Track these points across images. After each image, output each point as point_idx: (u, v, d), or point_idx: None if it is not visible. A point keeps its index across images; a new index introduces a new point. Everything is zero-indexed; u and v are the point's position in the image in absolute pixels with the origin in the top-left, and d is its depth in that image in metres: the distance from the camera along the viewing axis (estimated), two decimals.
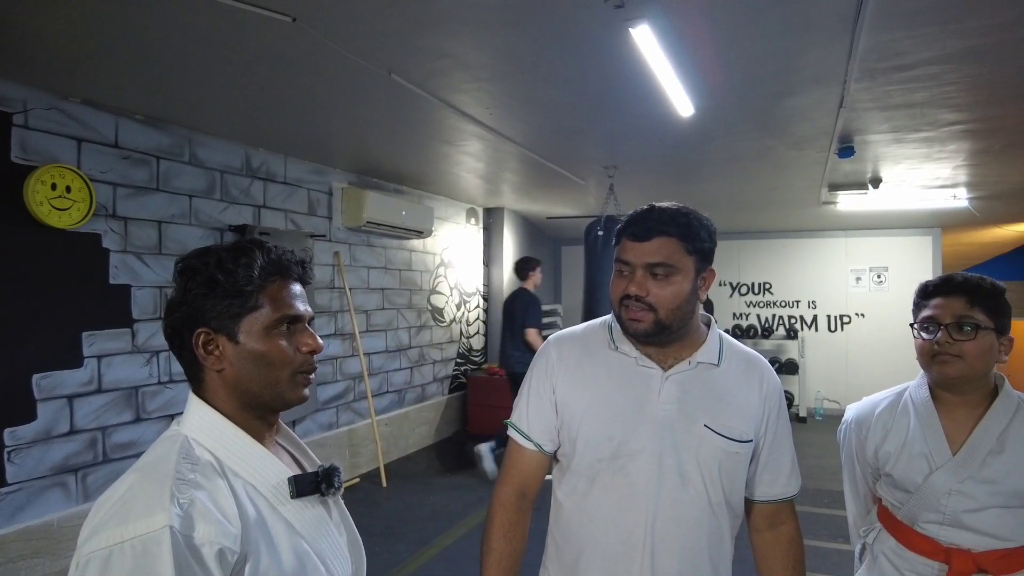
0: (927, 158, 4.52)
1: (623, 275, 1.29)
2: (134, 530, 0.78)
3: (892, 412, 1.54)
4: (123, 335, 3.36)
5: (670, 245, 1.25)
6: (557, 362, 1.38)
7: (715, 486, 1.26)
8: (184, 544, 0.79)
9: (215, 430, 0.95)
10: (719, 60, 2.75)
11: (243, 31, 2.40)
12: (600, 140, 4.13)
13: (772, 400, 1.34)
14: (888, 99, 3.20)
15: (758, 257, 8.18)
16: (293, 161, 4.51)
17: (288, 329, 0.99)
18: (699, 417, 1.26)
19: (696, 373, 1.30)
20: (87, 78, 2.91)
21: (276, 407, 1.01)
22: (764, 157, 4.58)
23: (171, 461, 0.87)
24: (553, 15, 2.31)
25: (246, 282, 0.96)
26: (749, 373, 1.34)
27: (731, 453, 1.26)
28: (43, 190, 2.93)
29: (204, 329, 0.96)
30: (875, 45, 2.54)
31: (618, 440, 1.26)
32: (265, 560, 0.88)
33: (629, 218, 1.31)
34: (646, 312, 1.25)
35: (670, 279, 1.25)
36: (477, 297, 7.19)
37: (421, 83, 2.98)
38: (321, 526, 1.00)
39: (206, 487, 0.87)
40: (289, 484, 0.97)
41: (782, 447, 1.35)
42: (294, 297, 1.00)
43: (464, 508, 4.52)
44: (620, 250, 1.30)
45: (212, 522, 0.83)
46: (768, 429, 1.33)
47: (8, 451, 2.87)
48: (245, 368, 0.97)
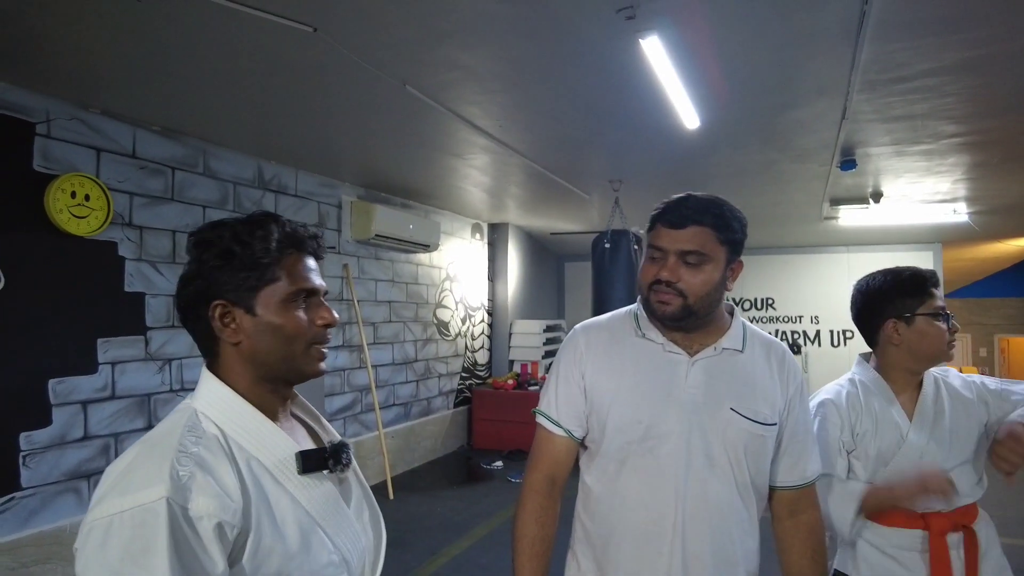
0: (927, 171, 4.60)
1: (655, 260, 1.32)
2: (133, 501, 0.78)
3: (856, 397, 1.64)
4: (137, 342, 3.40)
5: (704, 234, 1.28)
6: (585, 349, 1.41)
7: (741, 468, 1.28)
8: (181, 516, 0.79)
9: (224, 404, 0.94)
10: (725, 72, 2.83)
11: (263, 41, 2.47)
12: (606, 153, 4.20)
13: (793, 385, 1.37)
14: (889, 111, 3.28)
15: (761, 273, 8.24)
16: (304, 174, 4.59)
17: (304, 302, 0.98)
18: (725, 401, 1.29)
19: (721, 359, 1.33)
20: (107, 89, 2.99)
21: (292, 379, 1.01)
22: (767, 171, 4.65)
23: (176, 434, 0.87)
24: (565, 26, 2.38)
25: (263, 254, 0.95)
26: (771, 358, 1.38)
27: (756, 435, 1.29)
28: (63, 198, 2.99)
29: (221, 301, 0.94)
30: (876, 56, 2.61)
31: (647, 423, 1.29)
32: (268, 536, 0.87)
33: (665, 205, 1.34)
34: (675, 296, 1.28)
35: (702, 267, 1.28)
36: (482, 312, 7.23)
37: (434, 95, 3.06)
38: (330, 503, 0.98)
39: (209, 460, 0.86)
40: (296, 460, 0.95)
41: (802, 432, 1.38)
42: (310, 270, 1.00)
43: (471, 519, 4.52)
44: (654, 236, 1.33)
45: (211, 496, 0.82)
46: (790, 413, 1.36)
47: (23, 455, 2.89)
48: (262, 340, 0.96)
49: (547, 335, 7.31)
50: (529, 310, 7.87)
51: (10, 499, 2.84)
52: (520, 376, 6.91)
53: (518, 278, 7.60)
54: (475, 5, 2.23)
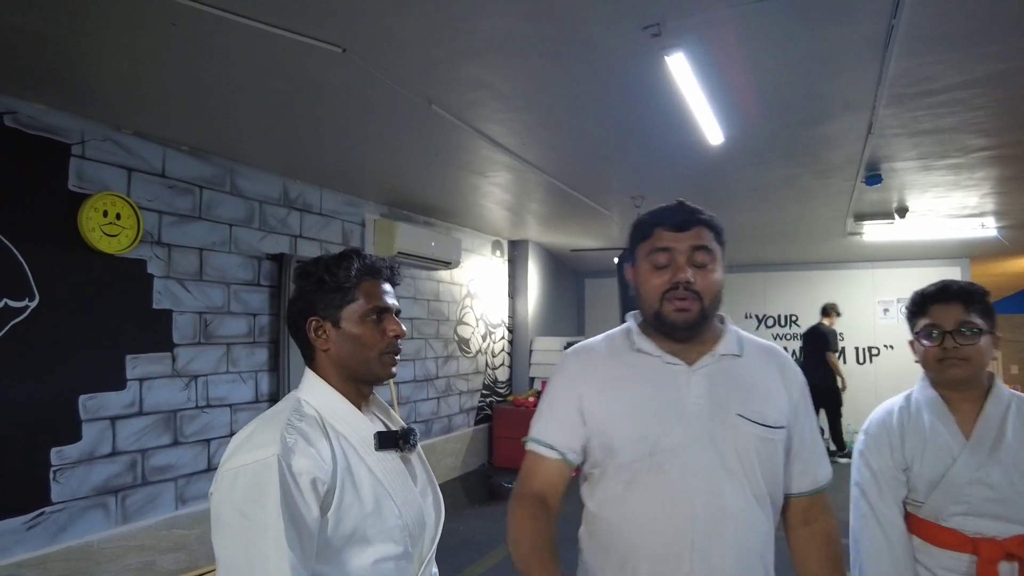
0: (955, 186, 4.53)
1: (663, 267, 1.28)
2: (253, 457, 1.03)
3: (907, 414, 1.62)
4: (164, 359, 3.44)
5: (708, 233, 1.29)
6: (581, 370, 1.37)
7: (755, 477, 1.23)
8: (287, 470, 1.02)
9: (321, 394, 1.20)
10: (750, 87, 2.82)
11: (292, 62, 2.52)
12: (629, 169, 4.20)
13: (796, 387, 1.34)
14: (916, 125, 3.24)
15: (784, 289, 8.16)
16: (328, 193, 4.64)
17: (377, 318, 1.23)
18: (731, 407, 1.25)
19: (721, 365, 1.30)
20: (139, 111, 3.05)
21: (369, 380, 1.24)
22: (791, 186, 4.62)
23: (285, 413, 1.13)
24: (590, 45, 2.40)
25: (345, 280, 1.21)
26: (770, 362, 1.35)
27: (767, 440, 1.24)
28: (95, 217, 3.05)
29: (315, 318, 1.22)
30: (904, 70, 2.59)
31: (653, 438, 1.24)
32: (349, 495, 1.10)
33: (661, 211, 1.32)
34: (694, 300, 1.25)
35: (712, 267, 1.27)
36: (502, 329, 7.22)
37: (458, 113, 3.09)
38: (399, 477, 1.20)
39: (309, 433, 1.11)
40: (374, 439, 1.18)
41: (810, 435, 1.34)
42: (383, 293, 1.25)
43: (493, 539, 4.48)
44: (657, 241, 1.29)
45: (310, 457, 1.06)
46: (797, 417, 1.32)
47: (54, 470, 2.93)
48: (345, 348, 1.21)
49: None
50: (549, 327, 7.85)
51: (40, 513, 2.87)
52: (541, 394, 6.87)
53: (538, 295, 7.59)
54: (500, 25, 2.25)
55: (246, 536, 0.98)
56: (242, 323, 3.89)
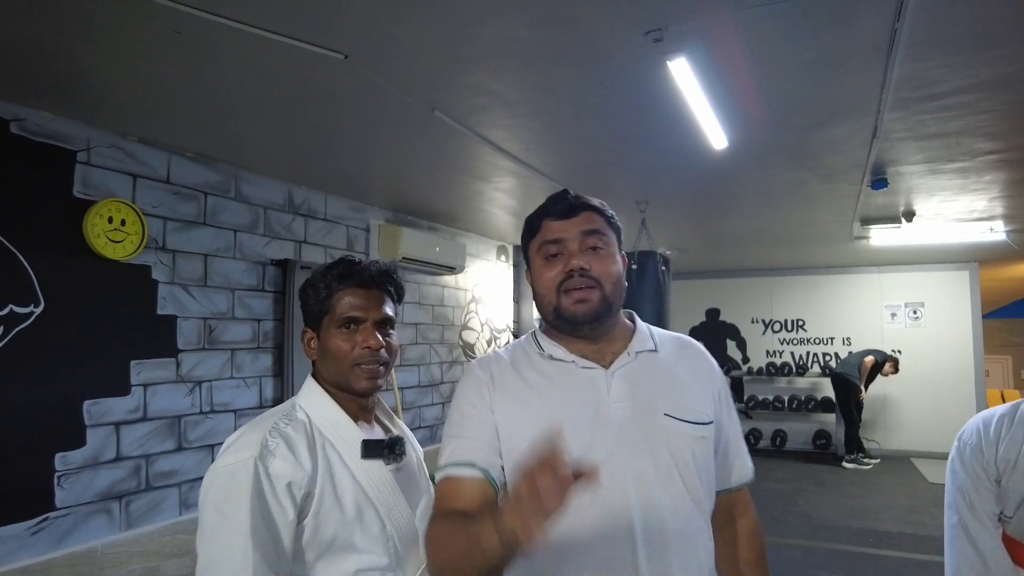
0: (962, 189, 4.51)
1: (555, 257, 1.19)
2: (235, 458, 1.08)
3: (1010, 421, 1.50)
4: (168, 364, 3.45)
5: (597, 217, 1.24)
6: (488, 380, 1.20)
7: (692, 480, 1.14)
8: (263, 472, 1.06)
9: (314, 399, 1.23)
10: (753, 92, 2.81)
11: (295, 69, 2.52)
12: (633, 174, 4.20)
13: (716, 380, 1.28)
14: (922, 128, 3.23)
15: (790, 294, 8.12)
16: (333, 198, 4.65)
17: (351, 328, 1.21)
18: (657, 407, 1.15)
19: (639, 363, 1.20)
20: (145, 117, 3.07)
21: (350, 392, 1.23)
22: (796, 190, 4.60)
23: (274, 417, 1.17)
24: (593, 50, 2.40)
25: (324, 290, 1.23)
26: (687, 355, 1.28)
27: (698, 439, 1.16)
28: (100, 223, 3.07)
29: (306, 328, 1.27)
30: (909, 74, 2.58)
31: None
32: (329, 502, 1.11)
33: (546, 202, 1.27)
34: (591, 289, 1.17)
35: (607, 251, 1.21)
36: (507, 334, 7.21)
37: (462, 119, 3.09)
38: (384, 487, 1.18)
39: (293, 438, 1.13)
40: (361, 446, 1.18)
41: (733, 430, 1.29)
42: (357, 301, 1.22)
43: None
44: (545, 233, 1.22)
45: (288, 462, 1.09)
46: (721, 410, 1.25)
47: (58, 476, 2.93)
48: (323, 359, 1.23)
49: None
50: None
51: (44, 519, 2.88)
52: None
53: None
54: (504, 31, 2.25)
55: (219, 533, 1.03)
56: (247, 328, 3.89)
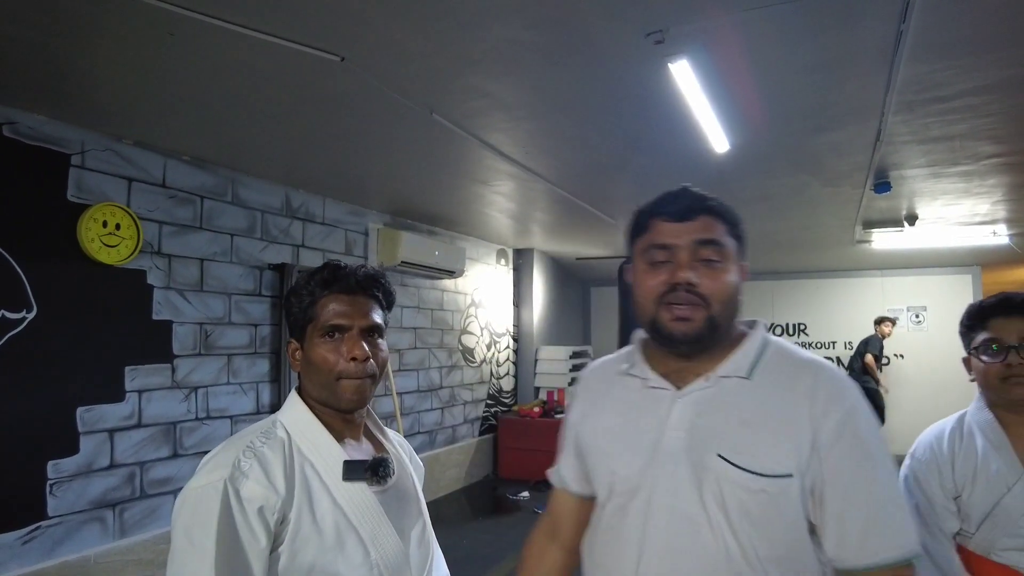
0: (966, 193, 4.47)
1: (660, 265, 1.04)
2: (205, 480, 1.00)
3: (959, 436, 1.49)
4: (163, 370, 3.41)
5: (718, 225, 1.05)
6: (579, 392, 1.24)
7: (746, 535, 0.95)
8: (234, 495, 0.99)
9: (295, 415, 1.13)
10: (756, 95, 2.78)
11: (292, 71, 2.49)
12: (633, 178, 4.16)
13: (831, 420, 0.97)
14: (926, 132, 3.19)
15: (792, 298, 8.08)
16: (331, 202, 4.62)
17: (335, 337, 1.11)
18: (712, 445, 0.99)
19: (717, 391, 1.03)
20: (140, 121, 3.04)
21: (335, 407, 1.13)
22: (799, 194, 4.56)
23: (250, 435, 1.08)
24: (594, 53, 2.36)
25: (307, 296, 1.14)
26: (796, 385, 1.01)
27: (755, 491, 0.95)
28: (95, 227, 3.03)
29: (290, 339, 1.17)
30: (914, 77, 2.54)
31: (621, 475, 1.06)
32: (306, 527, 1.03)
33: (660, 198, 1.09)
34: (697, 308, 1.01)
35: (722, 265, 1.03)
36: (507, 338, 7.17)
37: (460, 122, 3.05)
38: (369, 511, 1.09)
39: (268, 458, 1.04)
40: (343, 468, 1.08)
41: (854, 489, 0.96)
42: (342, 308, 1.12)
43: (498, 552, 4.42)
44: (654, 235, 1.06)
45: (260, 485, 1.01)
46: (824, 461, 0.96)
47: (50, 484, 2.89)
48: (306, 371, 1.14)
49: (573, 362, 7.21)
50: (555, 336, 7.79)
51: (36, 528, 2.84)
52: (546, 404, 6.81)
53: (543, 304, 7.54)
54: (503, 33, 2.22)
55: (186, 558, 0.98)
56: (243, 334, 3.85)
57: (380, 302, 1.18)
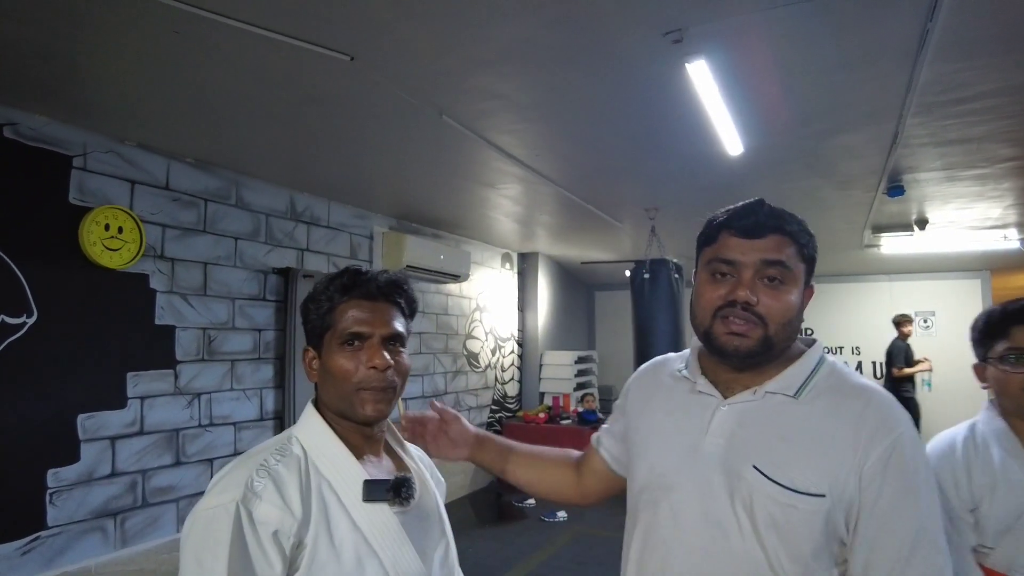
0: (979, 196, 4.41)
1: (723, 278, 1.05)
2: (216, 501, 0.93)
3: (973, 446, 1.42)
4: (166, 376, 3.35)
5: (786, 245, 1.04)
6: (633, 386, 1.31)
7: (771, 545, 0.97)
8: (246, 517, 0.92)
9: (312, 432, 1.06)
10: (773, 96, 2.72)
11: (300, 71, 2.43)
12: (643, 180, 4.10)
13: (878, 448, 0.96)
14: (944, 134, 3.13)
15: None
16: (336, 206, 4.56)
17: (355, 345, 1.05)
18: (750, 456, 1.01)
19: (762, 405, 1.05)
20: (143, 122, 2.98)
21: (354, 419, 1.06)
22: (809, 198, 4.50)
23: (264, 452, 1.01)
24: (609, 52, 2.30)
25: (325, 302, 1.07)
26: (846, 411, 1.00)
27: (786, 506, 0.97)
28: (97, 230, 2.97)
29: (307, 347, 1.10)
30: (936, 77, 2.48)
31: (658, 471, 1.10)
32: (324, 551, 0.95)
33: (732, 211, 1.08)
34: (754, 326, 1.02)
35: (785, 286, 1.03)
36: (512, 343, 7.10)
37: (470, 124, 2.99)
38: (389, 534, 1.02)
39: (283, 477, 0.97)
40: (362, 488, 1.02)
41: (896, 522, 0.95)
42: (362, 315, 1.06)
43: (504, 562, 4.35)
44: (720, 248, 1.07)
45: (275, 507, 0.94)
46: (865, 489, 0.96)
47: (50, 493, 2.82)
48: (324, 382, 1.08)
49: (579, 366, 7.14)
50: (560, 341, 7.72)
51: (35, 538, 2.77)
52: (551, 409, 6.74)
53: (548, 308, 7.48)
54: (516, 33, 2.16)
55: None
56: (247, 339, 3.79)
57: (402, 309, 1.11)
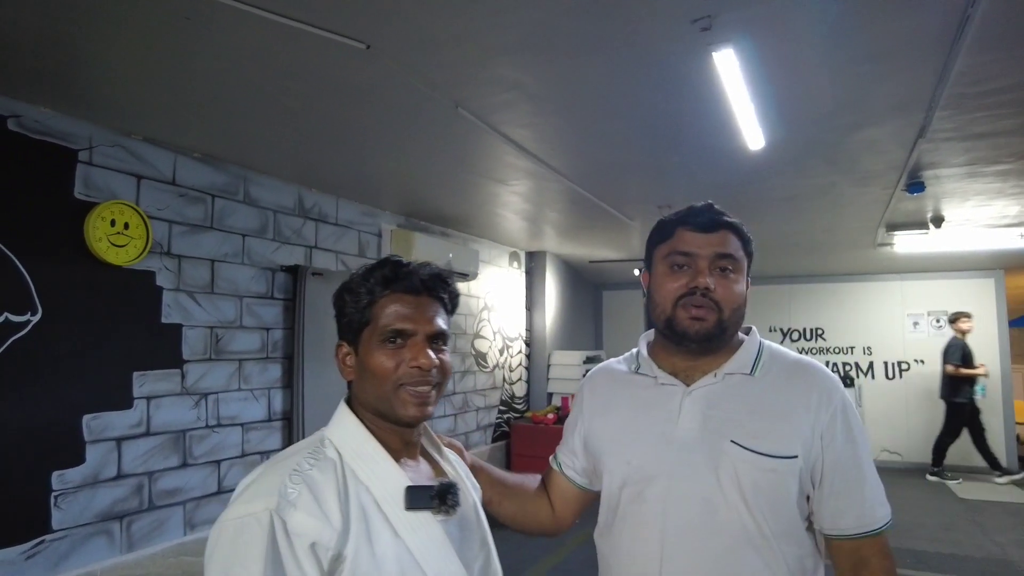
0: (999, 193, 4.33)
1: (681, 269, 1.19)
2: (245, 510, 0.86)
3: None
4: (173, 376, 3.27)
5: (734, 240, 1.21)
6: (587, 392, 1.38)
7: (760, 512, 1.10)
8: (281, 528, 0.84)
9: (347, 433, 0.99)
10: (799, 88, 2.64)
11: (312, 60, 2.35)
12: (658, 176, 4.02)
13: (826, 412, 1.14)
14: (972, 127, 3.05)
15: (809, 302, 7.93)
16: (345, 203, 4.48)
17: (397, 343, 0.99)
18: (725, 432, 1.13)
19: (724, 386, 1.19)
20: (150, 115, 2.90)
21: (393, 421, 1.00)
22: (825, 195, 4.42)
23: (297, 455, 0.93)
24: (635, 40, 2.22)
25: (365, 296, 1.01)
26: (795, 382, 1.18)
27: (766, 471, 1.10)
28: (102, 226, 2.89)
29: (341, 342, 1.05)
30: (970, 67, 2.40)
31: (636, 464, 1.19)
32: (364, 565, 0.88)
33: (686, 211, 1.24)
34: (710, 311, 1.16)
35: (736, 276, 1.19)
36: (519, 342, 7.03)
37: (486, 117, 2.92)
38: (435, 545, 0.95)
39: (319, 482, 0.89)
40: (404, 496, 0.94)
41: (850, 470, 1.14)
42: (405, 311, 1.00)
43: (513, 567, 4.27)
44: (678, 242, 1.21)
45: (312, 516, 0.86)
46: (825, 447, 1.13)
47: (55, 495, 2.75)
48: (361, 380, 1.01)
49: (587, 367, 7.06)
50: (567, 341, 7.65)
51: (40, 542, 2.70)
52: (560, 410, 6.66)
53: (556, 308, 7.40)
54: (540, 19, 2.08)
55: None
56: (255, 338, 3.72)
57: (445, 305, 1.06)
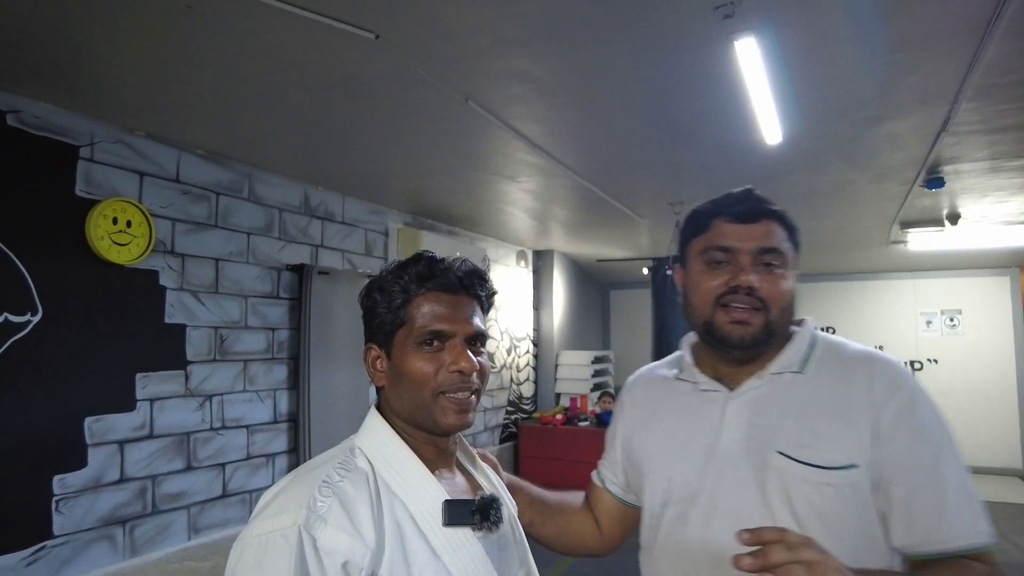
0: (1020, 189, 4.24)
1: (719, 265, 1.04)
2: (271, 525, 0.79)
3: None
4: (176, 377, 3.20)
5: (779, 231, 1.05)
6: (627, 401, 1.26)
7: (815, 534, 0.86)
8: (310, 545, 0.77)
9: (379, 442, 0.91)
10: (820, 79, 2.55)
11: (319, 51, 2.28)
12: (671, 172, 3.94)
13: (890, 409, 0.96)
14: (998, 120, 2.96)
15: (820, 300, 7.82)
16: (351, 201, 4.41)
17: (434, 346, 0.90)
18: (772, 442, 0.98)
19: (772, 388, 1.03)
20: (153, 111, 2.84)
21: (430, 430, 0.92)
22: (841, 192, 4.33)
23: (326, 466, 0.86)
24: (654, 28, 2.14)
25: (398, 296, 0.92)
26: (853, 376, 0.99)
27: (820, 486, 0.94)
28: (104, 224, 2.83)
29: (370, 345, 0.95)
30: (1001, 56, 2.31)
31: (678, 480, 1.06)
32: None
33: (723, 198, 1.09)
34: (755, 312, 1.01)
35: (782, 271, 1.03)
36: (527, 342, 6.94)
37: (497, 111, 2.84)
38: (476, 564, 0.87)
39: (351, 495, 0.82)
40: (443, 511, 0.87)
41: (921, 474, 0.94)
42: (443, 311, 0.91)
43: None
44: (715, 235, 1.05)
45: (344, 532, 0.79)
46: (886, 448, 0.94)
47: (56, 500, 2.68)
48: (394, 386, 0.92)
49: (595, 367, 6.98)
50: (575, 340, 7.56)
51: (41, 548, 2.63)
52: (568, 410, 6.57)
53: (564, 307, 7.31)
54: (555, 8, 2.00)
55: None
56: (260, 338, 3.64)
57: (483, 304, 0.98)
